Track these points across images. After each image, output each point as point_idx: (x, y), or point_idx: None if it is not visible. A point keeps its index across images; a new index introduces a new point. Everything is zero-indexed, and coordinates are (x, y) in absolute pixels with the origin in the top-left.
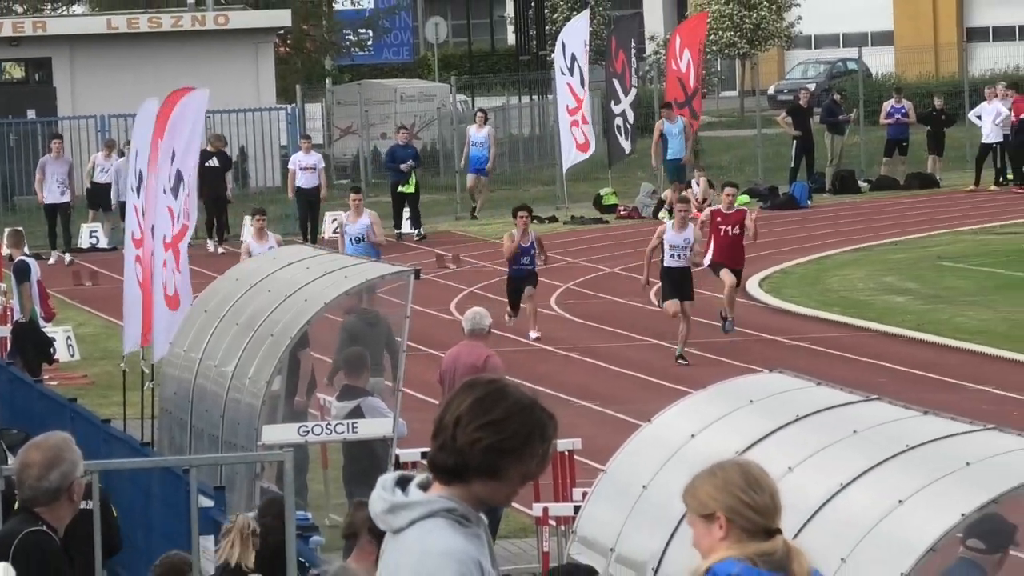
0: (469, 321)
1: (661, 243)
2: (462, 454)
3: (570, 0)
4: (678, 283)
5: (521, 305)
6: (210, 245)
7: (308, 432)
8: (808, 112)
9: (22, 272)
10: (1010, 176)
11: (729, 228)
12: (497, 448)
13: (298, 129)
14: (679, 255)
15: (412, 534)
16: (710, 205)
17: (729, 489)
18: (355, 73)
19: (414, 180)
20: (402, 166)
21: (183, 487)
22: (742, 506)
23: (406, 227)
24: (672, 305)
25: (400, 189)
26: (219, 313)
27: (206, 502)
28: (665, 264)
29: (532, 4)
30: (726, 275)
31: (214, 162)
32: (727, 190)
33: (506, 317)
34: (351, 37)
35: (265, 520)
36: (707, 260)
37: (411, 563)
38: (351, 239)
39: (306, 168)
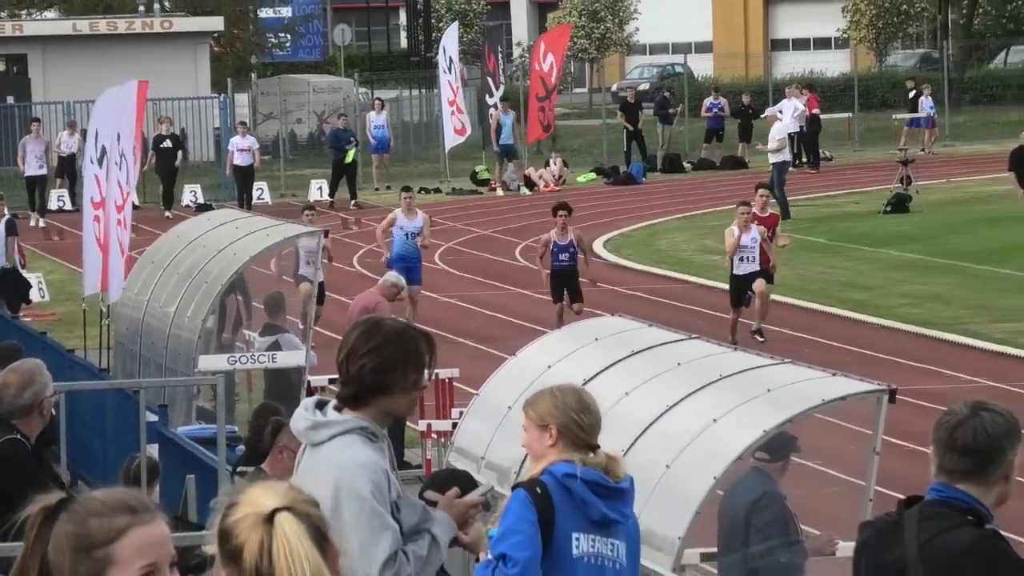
0: (382, 279)
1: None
2: (357, 381)
3: (452, 12)
4: (742, 291)
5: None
6: (166, 213)
7: (236, 361)
8: (637, 106)
9: (12, 226)
10: (804, 159)
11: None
12: (382, 368)
13: (228, 115)
14: (748, 256)
15: (331, 448)
16: (563, 181)
17: (564, 409)
18: (275, 69)
19: (352, 154)
20: (347, 146)
21: (133, 405)
22: (573, 424)
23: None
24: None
25: (346, 161)
26: (163, 264)
27: (152, 417)
28: (734, 272)
29: (421, 15)
30: (757, 284)
31: (167, 144)
32: (761, 193)
33: (556, 314)
34: (273, 40)
35: (258, 422)
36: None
37: (331, 472)
38: (406, 234)
39: (242, 149)
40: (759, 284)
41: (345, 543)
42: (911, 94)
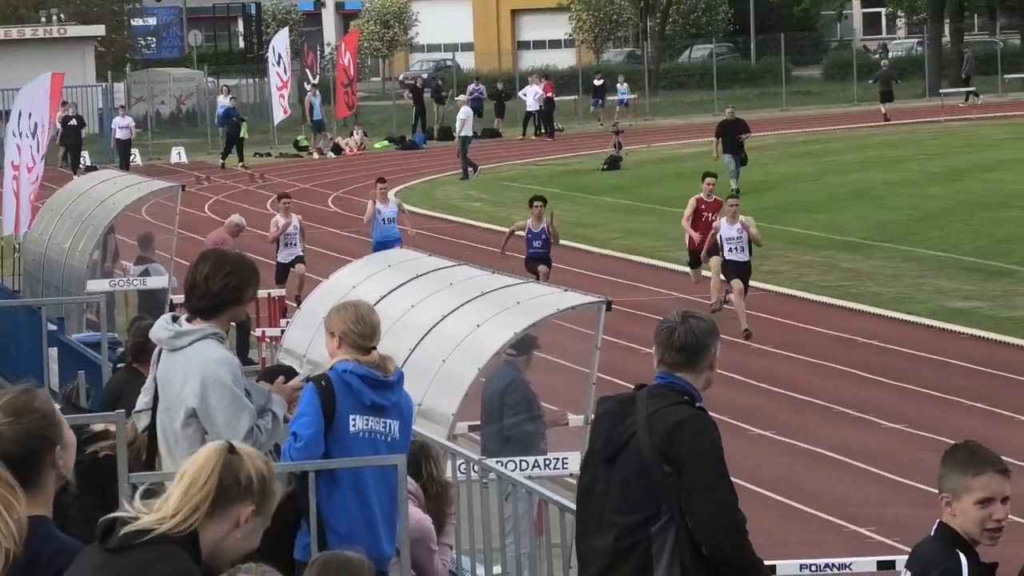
0: (228, 220)
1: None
2: (217, 296)
3: (277, 20)
4: (735, 272)
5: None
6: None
7: (115, 284)
8: (419, 91)
9: None
10: (542, 130)
11: (710, 215)
12: (237, 286)
13: (109, 99)
14: (735, 247)
15: (193, 350)
16: (364, 147)
17: (345, 320)
18: (144, 64)
19: (246, 128)
20: (239, 121)
21: (38, 318)
22: (351, 332)
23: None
24: (724, 287)
25: (242, 135)
26: (60, 211)
27: (52, 327)
28: (726, 257)
29: (254, 22)
30: (714, 262)
31: (75, 122)
32: (708, 180)
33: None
34: (142, 42)
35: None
36: (693, 241)
37: (197, 367)
38: (383, 219)
39: (122, 127)
40: (736, 284)
41: (213, 422)
42: (598, 83)
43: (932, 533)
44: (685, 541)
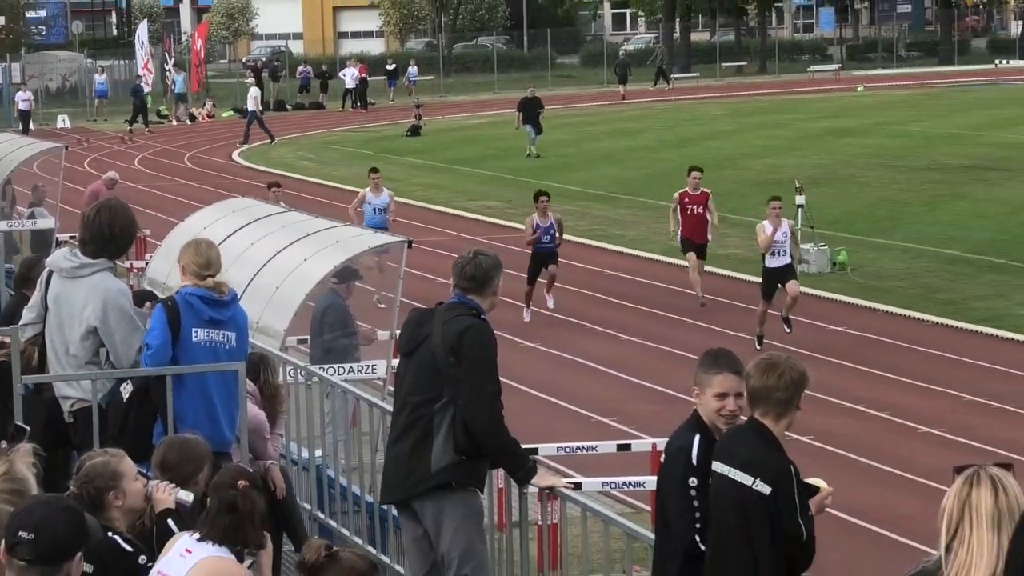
0: (104, 176)
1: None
2: (114, 238)
3: (143, 12)
4: (773, 284)
5: (539, 280)
6: None
7: (12, 225)
8: (259, 71)
9: None
10: (357, 104)
11: (695, 208)
12: (126, 228)
13: (8, 77)
14: (779, 251)
15: (94, 279)
16: (213, 116)
17: (187, 254)
18: (36, 48)
19: (150, 99)
20: (145, 95)
21: None
22: (191, 263)
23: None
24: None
25: (148, 105)
26: None
27: None
28: (766, 265)
29: (125, 14)
30: (691, 257)
31: None
32: (694, 174)
33: (530, 291)
34: (35, 29)
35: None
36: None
37: (99, 294)
38: (374, 208)
39: (24, 100)
40: (793, 287)
41: (112, 339)
42: (390, 67)
43: (687, 418)
44: (459, 419)
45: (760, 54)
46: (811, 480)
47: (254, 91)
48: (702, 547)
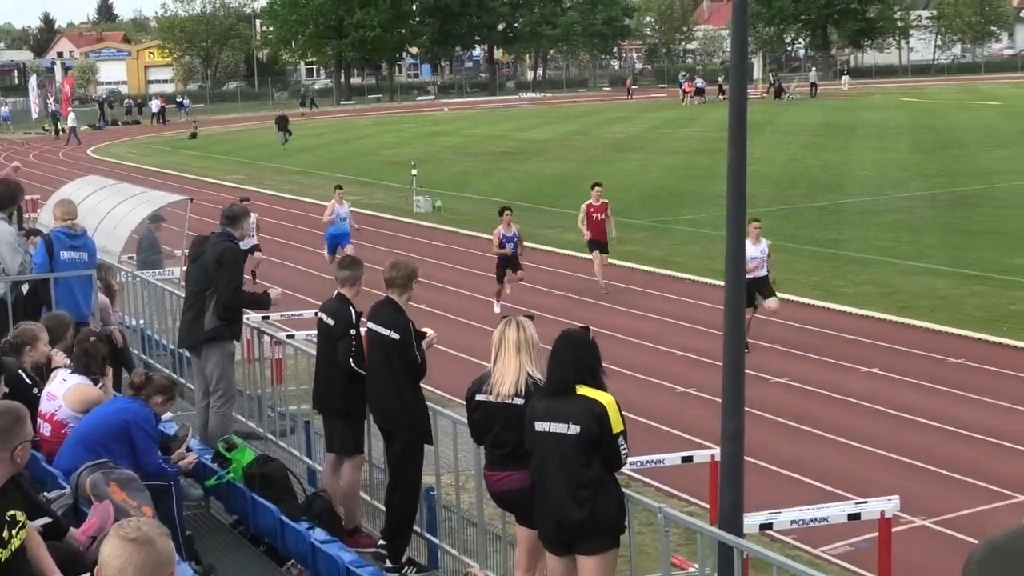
0: (11, 164)
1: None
2: (2, 198)
3: (35, 71)
4: (752, 293)
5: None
6: None
7: None
8: (103, 103)
9: None
10: (161, 121)
11: (598, 215)
12: (11, 192)
13: None
14: (756, 267)
15: None
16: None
17: (58, 207)
18: None
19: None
20: None
21: None
22: (60, 213)
23: None
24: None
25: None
26: None
27: None
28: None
29: (24, 72)
30: (596, 255)
31: None
32: (596, 189)
33: (500, 289)
34: None
35: None
36: (586, 237)
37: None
38: (339, 217)
39: None
40: (772, 303)
41: (3, 258)
42: (179, 100)
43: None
44: (219, 299)
45: (390, 90)
46: (424, 329)
47: (72, 119)
48: (360, 371)
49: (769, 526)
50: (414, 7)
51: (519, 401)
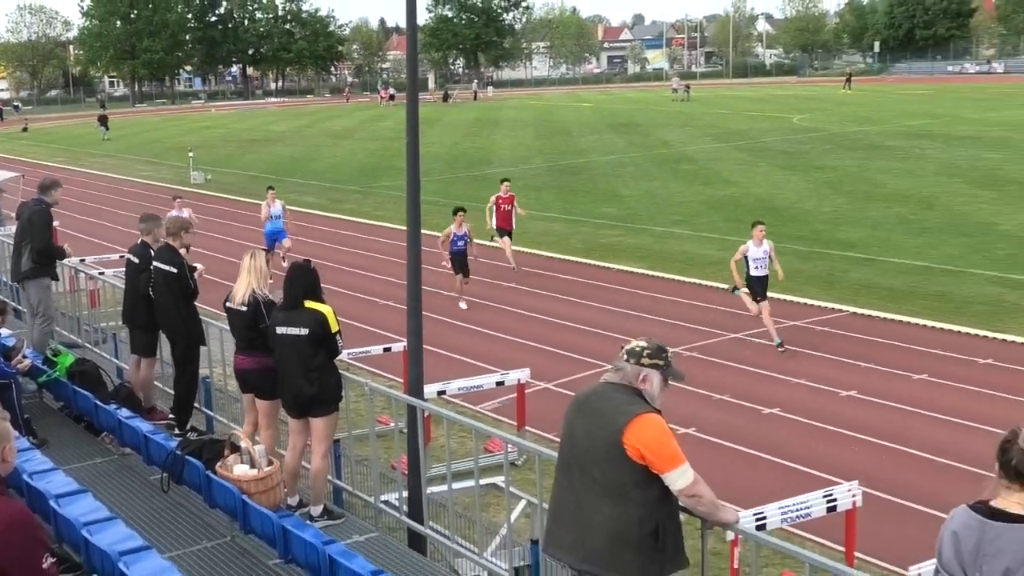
0: None
1: (744, 257)
2: None
3: None
4: (760, 289)
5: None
6: None
7: None
8: None
9: None
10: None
11: (506, 206)
12: None
13: None
14: (760, 266)
15: None
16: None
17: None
18: None
19: None
20: None
21: None
22: None
23: None
24: (754, 306)
25: None
26: None
27: None
28: (751, 273)
29: None
30: (505, 240)
31: None
32: (504, 184)
33: (458, 283)
34: None
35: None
36: (494, 224)
37: None
38: (274, 216)
39: None
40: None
41: None
42: (14, 104)
43: None
44: (32, 247)
45: (172, 96)
46: (195, 264)
47: None
48: (152, 296)
49: (443, 392)
50: (187, 37)
51: (244, 308)
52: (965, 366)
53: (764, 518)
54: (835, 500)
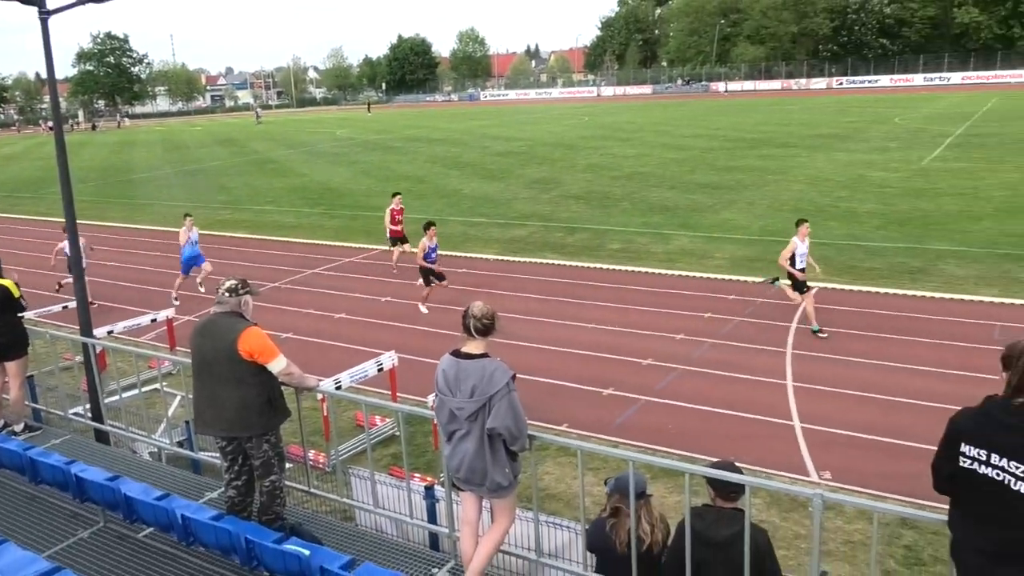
0: None
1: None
2: None
3: None
4: (803, 280)
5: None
6: None
7: None
8: None
9: None
10: None
11: (398, 216)
12: None
13: None
14: (804, 259)
15: None
16: None
17: None
18: None
19: None
20: None
21: None
22: None
23: None
24: (796, 296)
25: None
26: None
27: None
28: (797, 268)
29: None
30: (398, 247)
31: None
32: (396, 197)
33: (433, 283)
34: None
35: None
36: (389, 234)
37: None
38: (192, 242)
39: None
40: (810, 296)
41: None
42: None
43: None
44: None
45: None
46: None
47: None
48: None
49: (111, 333)
50: None
51: None
52: None
53: (340, 382)
54: (383, 365)
